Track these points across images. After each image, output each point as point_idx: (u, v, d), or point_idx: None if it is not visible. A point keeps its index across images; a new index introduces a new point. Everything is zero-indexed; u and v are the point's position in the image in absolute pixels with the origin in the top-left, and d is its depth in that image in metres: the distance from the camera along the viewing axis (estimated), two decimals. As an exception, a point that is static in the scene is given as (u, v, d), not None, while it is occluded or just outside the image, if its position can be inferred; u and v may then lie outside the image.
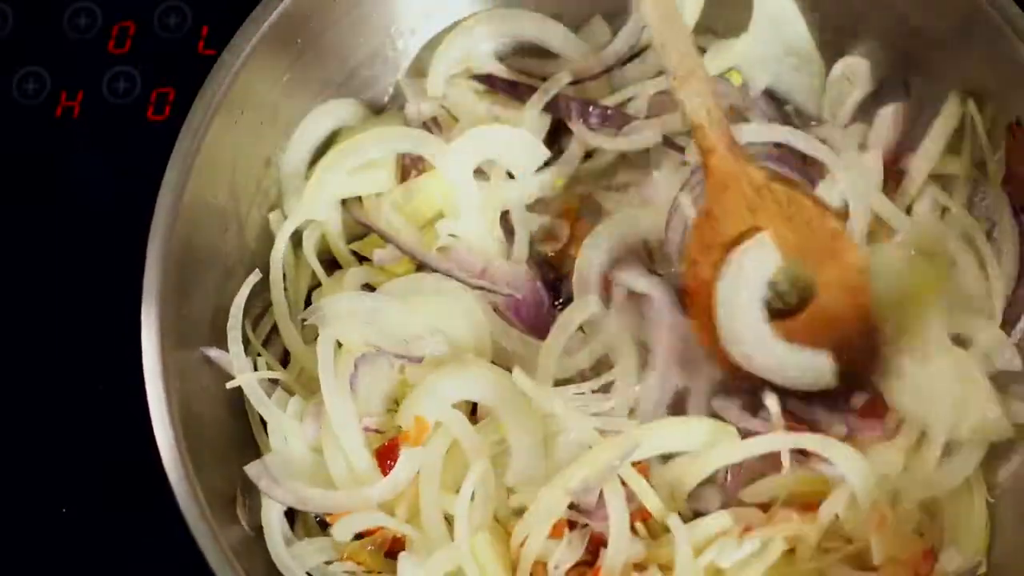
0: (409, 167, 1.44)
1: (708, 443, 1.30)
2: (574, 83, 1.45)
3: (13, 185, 1.59)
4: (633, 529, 1.27)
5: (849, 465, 1.28)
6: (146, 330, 1.24)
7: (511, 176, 1.43)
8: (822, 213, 1.31)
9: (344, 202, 1.44)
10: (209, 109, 1.29)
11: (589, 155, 1.46)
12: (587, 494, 1.25)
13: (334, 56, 1.42)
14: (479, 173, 1.42)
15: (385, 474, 1.30)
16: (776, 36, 1.43)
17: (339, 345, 1.33)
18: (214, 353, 1.32)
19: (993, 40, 1.30)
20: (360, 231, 1.46)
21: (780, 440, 1.28)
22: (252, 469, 1.29)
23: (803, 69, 1.44)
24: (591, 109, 1.43)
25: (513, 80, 1.47)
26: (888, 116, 1.40)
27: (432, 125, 1.45)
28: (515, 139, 1.41)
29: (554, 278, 1.42)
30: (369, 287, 1.40)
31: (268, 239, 1.41)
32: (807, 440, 1.28)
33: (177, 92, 1.59)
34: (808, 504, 1.30)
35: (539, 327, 1.38)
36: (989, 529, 1.31)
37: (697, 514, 1.31)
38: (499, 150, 1.41)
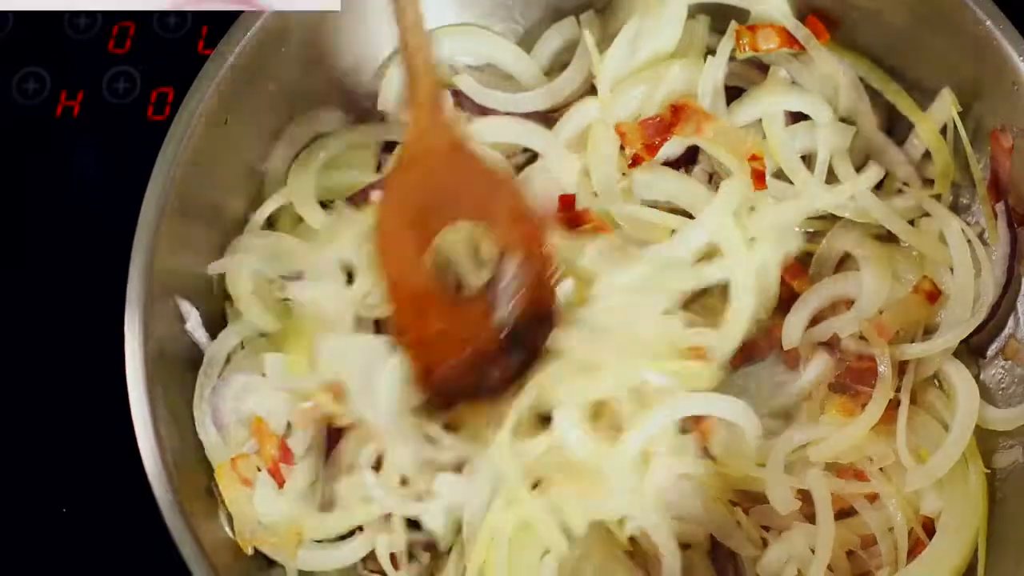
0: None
1: None
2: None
3: (13, 185, 1.59)
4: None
5: None
6: (129, 339, 1.25)
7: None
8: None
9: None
10: (193, 118, 1.29)
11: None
12: None
13: (319, 65, 1.41)
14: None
15: None
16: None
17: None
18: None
19: (978, 46, 1.29)
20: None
21: None
22: None
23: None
24: None
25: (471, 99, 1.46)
26: None
27: None
28: None
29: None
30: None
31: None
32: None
33: (177, 92, 1.59)
34: None
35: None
36: (987, 502, 1.30)
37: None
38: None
